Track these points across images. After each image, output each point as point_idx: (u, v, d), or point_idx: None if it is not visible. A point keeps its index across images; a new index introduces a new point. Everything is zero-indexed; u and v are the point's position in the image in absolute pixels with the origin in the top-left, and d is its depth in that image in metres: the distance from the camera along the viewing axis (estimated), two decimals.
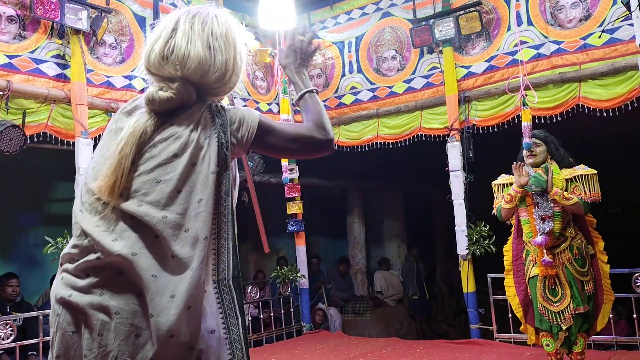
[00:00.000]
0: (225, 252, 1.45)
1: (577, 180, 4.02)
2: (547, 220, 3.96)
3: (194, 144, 1.44)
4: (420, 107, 6.55)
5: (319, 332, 7.23)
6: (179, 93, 1.48)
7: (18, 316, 5.08)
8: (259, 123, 1.53)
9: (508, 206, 4.12)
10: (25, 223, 6.76)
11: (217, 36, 1.51)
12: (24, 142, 4.93)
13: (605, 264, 4.11)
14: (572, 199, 3.91)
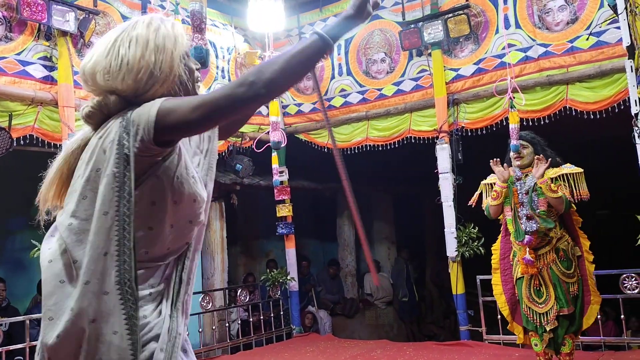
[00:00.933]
0: (128, 253, 1.36)
1: (561, 179, 4.05)
2: (533, 219, 3.98)
3: (98, 149, 1.41)
4: (410, 110, 6.57)
5: (308, 335, 7.21)
6: (96, 105, 1.47)
7: (4, 321, 5.02)
8: (159, 107, 1.37)
9: (495, 203, 4.15)
10: (12, 227, 6.69)
11: (124, 40, 1.46)
12: (10, 144, 4.89)
13: (590, 264, 4.14)
14: (557, 192, 3.94)
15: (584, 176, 4.06)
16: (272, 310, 7.25)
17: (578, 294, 4.03)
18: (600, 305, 4.85)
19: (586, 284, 4.11)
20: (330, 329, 8.00)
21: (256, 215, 9.04)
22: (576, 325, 4.05)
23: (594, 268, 4.15)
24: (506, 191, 4.11)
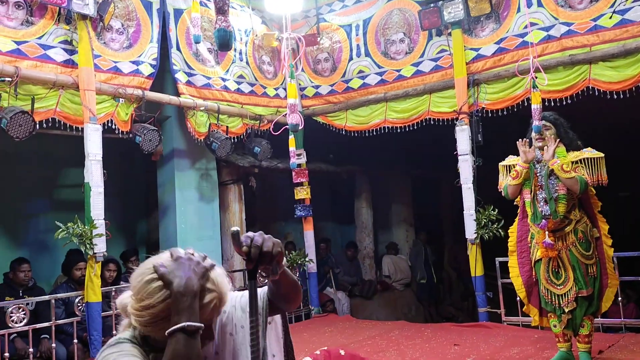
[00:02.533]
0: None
1: (581, 162, 4.01)
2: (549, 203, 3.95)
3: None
4: (429, 91, 6.52)
5: (327, 316, 7.28)
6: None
7: (31, 300, 5.14)
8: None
9: (514, 182, 4.12)
10: (35, 209, 6.82)
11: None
12: (33, 128, 4.96)
13: (609, 247, 4.12)
14: (570, 172, 3.90)
15: (604, 161, 4.02)
16: None
17: (597, 276, 4.02)
18: (622, 287, 4.82)
19: (604, 267, 4.10)
20: (348, 310, 8.07)
21: (274, 197, 9.08)
22: (594, 307, 4.04)
23: (612, 252, 4.13)
24: (526, 172, 4.08)
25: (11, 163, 6.61)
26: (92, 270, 5.13)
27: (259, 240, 1.49)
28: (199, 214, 6.86)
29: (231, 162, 7.33)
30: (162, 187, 6.92)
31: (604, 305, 4.13)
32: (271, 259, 1.48)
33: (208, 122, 6.54)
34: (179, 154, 6.78)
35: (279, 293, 1.67)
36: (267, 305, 1.70)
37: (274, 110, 7.32)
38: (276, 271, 1.53)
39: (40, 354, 5.10)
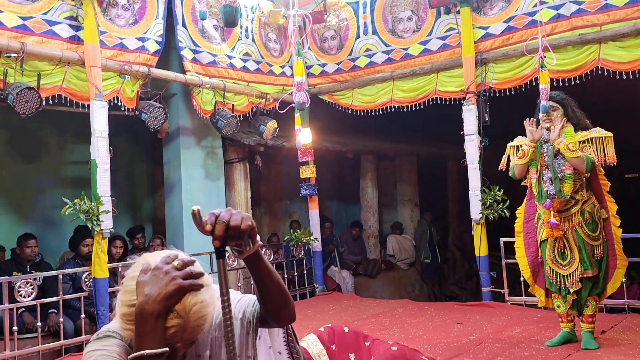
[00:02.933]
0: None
1: (589, 142, 3.99)
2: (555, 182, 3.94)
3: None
4: (436, 70, 6.47)
5: (331, 294, 7.34)
6: None
7: (38, 275, 5.20)
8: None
9: (520, 162, 4.11)
10: (42, 185, 6.86)
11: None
12: (39, 104, 4.96)
13: (617, 228, 4.11)
14: (576, 152, 3.88)
15: (612, 140, 3.99)
16: (295, 270, 7.38)
17: (603, 257, 4.02)
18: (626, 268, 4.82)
19: (612, 248, 4.09)
20: (352, 289, 8.12)
21: (280, 176, 9.10)
22: (600, 288, 4.05)
23: (621, 232, 4.11)
24: (533, 152, 4.07)
25: (18, 139, 6.63)
26: (99, 246, 5.18)
27: (225, 216, 1.40)
28: (204, 191, 6.88)
29: (237, 141, 7.32)
30: (168, 164, 6.93)
31: (612, 286, 4.12)
32: (240, 234, 1.40)
33: (214, 100, 6.52)
34: (185, 131, 6.78)
35: (264, 297, 1.56)
36: (257, 314, 1.61)
37: (279, 88, 7.30)
38: (249, 245, 1.44)
39: (48, 328, 5.17)
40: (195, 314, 1.38)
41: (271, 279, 1.54)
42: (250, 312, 1.60)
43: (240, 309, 1.62)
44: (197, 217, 1.38)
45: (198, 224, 1.40)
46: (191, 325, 1.38)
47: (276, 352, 1.70)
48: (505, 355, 4.01)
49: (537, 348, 4.13)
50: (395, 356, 3.03)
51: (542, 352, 4.02)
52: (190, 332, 1.39)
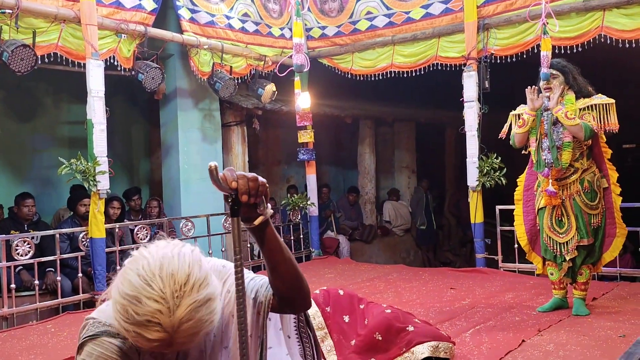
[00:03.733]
0: None
1: (590, 109, 3.97)
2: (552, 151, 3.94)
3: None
4: (438, 35, 6.37)
5: (327, 258, 7.41)
6: None
7: (35, 234, 5.23)
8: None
9: (520, 131, 4.10)
10: (39, 145, 6.83)
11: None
12: (34, 62, 4.90)
13: (617, 196, 4.11)
14: (574, 119, 3.87)
15: (614, 107, 3.96)
16: (292, 234, 7.42)
17: (600, 226, 4.04)
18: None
19: (611, 216, 4.10)
20: (348, 254, 8.19)
21: (278, 140, 9.07)
22: (595, 257, 4.09)
23: (620, 200, 4.12)
24: (533, 120, 4.05)
25: (14, 98, 6.57)
26: (96, 206, 5.19)
27: (241, 173, 1.35)
28: (201, 154, 6.86)
29: (234, 104, 7.27)
30: (165, 126, 6.90)
31: (610, 254, 4.12)
32: (259, 190, 1.35)
33: (211, 61, 6.44)
34: (182, 93, 6.72)
35: (275, 277, 1.49)
36: (270, 296, 1.52)
37: (278, 51, 7.20)
38: (264, 204, 1.40)
39: (46, 286, 5.22)
40: (185, 331, 1.29)
41: (282, 255, 1.45)
42: (263, 293, 1.52)
43: (253, 288, 1.54)
44: (214, 173, 1.32)
45: (215, 180, 1.32)
46: (178, 341, 1.30)
47: (285, 336, 1.64)
48: (497, 319, 4.08)
49: (528, 313, 4.19)
50: (388, 319, 3.09)
51: (533, 317, 4.09)
52: (176, 346, 1.32)
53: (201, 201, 6.61)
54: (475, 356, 3.30)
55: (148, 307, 1.26)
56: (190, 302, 1.29)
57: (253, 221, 1.40)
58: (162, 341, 1.29)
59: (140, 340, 1.30)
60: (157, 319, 1.26)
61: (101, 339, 1.40)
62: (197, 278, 1.31)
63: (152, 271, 1.29)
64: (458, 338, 3.59)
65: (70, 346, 3.89)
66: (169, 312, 1.27)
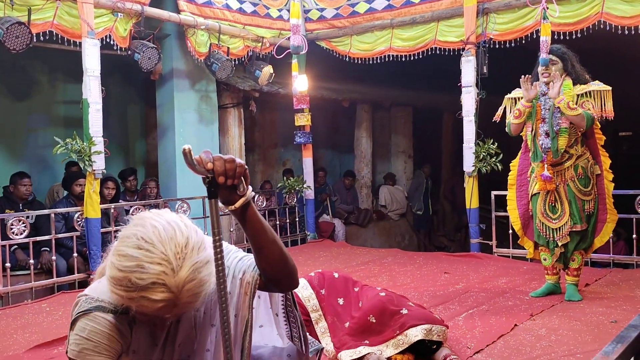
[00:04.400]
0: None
1: (588, 95, 3.97)
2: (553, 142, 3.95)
3: None
4: (437, 19, 6.33)
5: (322, 241, 7.43)
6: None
7: (31, 213, 5.22)
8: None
9: (516, 122, 4.11)
10: (33, 124, 6.79)
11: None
12: (30, 40, 4.85)
13: (610, 182, 4.14)
14: (576, 109, 3.87)
15: (611, 94, 3.96)
16: (287, 217, 7.44)
17: (593, 212, 4.06)
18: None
19: (603, 202, 4.13)
20: (343, 237, 8.22)
21: (274, 123, 9.03)
22: (587, 243, 4.12)
23: (613, 187, 4.15)
24: (529, 110, 4.05)
25: (10, 75, 6.51)
26: (91, 187, 5.18)
27: (218, 155, 1.36)
28: (198, 136, 6.84)
29: (231, 85, 7.23)
30: (161, 107, 6.86)
31: (600, 239, 4.17)
32: (236, 172, 1.36)
33: (209, 42, 6.39)
34: (179, 74, 6.67)
35: (260, 258, 1.50)
36: (257, 276, 1.53)
37: (276, 32, 7.14)
38: (243, 185, 1.40)
39: (41, 266, 5.23)
40: (189, 291, 1.32)
41: (266, 236, 1.46)
42: (250, 274, 1.53)
43: (240, 269, 1.55)
44: (188, 156, 1.33)
45: (190, 163, 1.34)
46: (182, 301, 1.33)
47: (274, 314, 1.66)
48: (490, 304, 4.11)
49: (521, 298, 4.23)
50: (382, 301, 3.11)
51: (526, 302, 4.12)
52: (180, 308, 1.35)
53: (197, 183, 6.50)
54: (468, 339, 3.33)
55: (152, 270, 1.29)
56: (192, 262, 1.32)
57: (234, 204, 1.40)
58: (167, 301, 1.31)
59: (146, 303, 1.32)
60: (162, 280, 1.29)
61: (94, 314, 1.42)
62: (195, 241, 1.35)
63: (149, 240, 1.32)
64: (451, 322, 3.62)
65: (65, 325, 3.90)
66: (173, 273, 1.30)
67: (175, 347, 1.56)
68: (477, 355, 3.10)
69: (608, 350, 1.29)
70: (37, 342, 3.54)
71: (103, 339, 1.42)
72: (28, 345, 3.53)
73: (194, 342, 1.59)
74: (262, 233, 1.46)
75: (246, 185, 1.41)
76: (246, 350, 1.54)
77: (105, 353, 1.42)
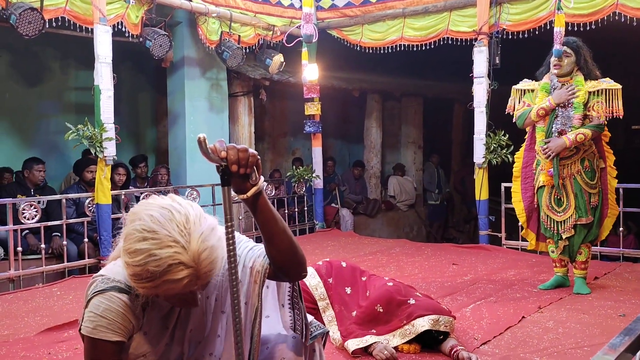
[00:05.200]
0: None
1: (599, 94, 3.94)
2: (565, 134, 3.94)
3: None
4: (449, 8, 6.27)
5: (331, 231, 7.44)
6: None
7: (42, 198, 5.27)
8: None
9: (538, 119, 4.07)
10: (45, 110, 6.83)
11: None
12: (42, 25, 4.87)
13: (613, 178, 4.14)
14: (586, 136, 3.88)
15: (621, 93, 3.95)
16: (296, 206, 7.45)
17: (598, 205, 4.06)
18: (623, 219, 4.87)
19: (605, 197, 4.15)
20: (352, 227, 8.23)
21: (284, 112, 9.03)
22: (593, 235, 4.11)
23: (616, 183, 4.16)
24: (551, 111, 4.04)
25: (22, 61, 6.55)
26: (102, 173, 5.22)
27: (232, 144, 1.40)
28: (208, 124, 6.85)
29: (242, 74, 7.22)
30: (172, 95, 6.87)
31: (601, 234, 4.19)
32: (249, 161, 1.40)
33: (220, 30, 6.39)
34: (190, 62, 6.68)
35: (270, 247, 1.52)
36: (267, 266, 1.56)
37: (287, 21, 7.12)
38: (255, 174, 1.43)
39: (52, 251, 5.28)
40: (205, 260, 1.37)
41: (277, 226, 1.49)
42: (260, 262, 1.57)
43: (251, 257, 1.59)
44: (203, 144, 1.36)
45: (204, 152, 1.37)
46: (203, 271, 1.38)
47: (280, 305, 1.68)
48: (498, 295, 4.11)
49: (529, 290, 4.22)
50: (390, 291, 3.11)
51: (534, 294, 4.11)
52: (203, 278, 1.40)
53: (207, 170, 6.56)
54: (475, 330, 3.33)
55: (164, 254, 1.34)
56: (198, 234, 1.38)
57: (246, 192, 1.44)
58: (190, 276, 1.37)
59: (171, 285, 1.37)
60: (177, 259, 1.35)
61: (110, 293, 1.46)
62: (194, 215, 1.41)
63: (151, 229, 1.36)
64: (459, 313, 3.62)
65: (75, 309, 3.95)
66: (185, 250, 1.35)
67: (186, 332, 1.59)
68: (484, 346, 3.10)
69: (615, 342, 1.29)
70: (48, 325, 3.58)
71: (117, 317, 1.45)
72: (39, 328, 3.57)
73: (205, 328, 1.62)
74: (272, 222, 1.49)
75: (258, 175, 1.45)
76: (255, 337, 1.57)
77: (118, 331, 1.45)
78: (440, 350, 2.97)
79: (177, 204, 1.43)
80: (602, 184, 4.10)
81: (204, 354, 1.62)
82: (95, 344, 1.45)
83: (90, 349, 1.46)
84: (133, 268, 1.37)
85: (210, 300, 1.62)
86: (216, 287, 1.62)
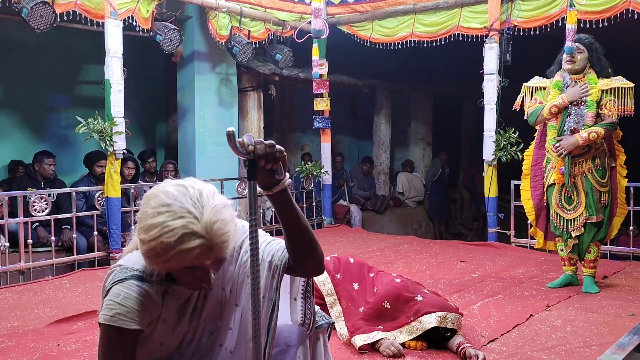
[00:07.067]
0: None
1: (612, 93, 3.91)
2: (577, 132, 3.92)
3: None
4: (460, 4, 6.24)
5: (339, 227, 7.44)
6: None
7: (53, 191, 5.31)
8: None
9: (551, 117, 4.04)
10: (56, 104, 6.87)
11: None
12: (54, 19, 4.89)
13: (623, 177, 4.11)
14: (599, 135, 3.86)
15: (633, 91, 3.91)
16: (305, 201, 7.45)
17: (608, 203, 4.03)
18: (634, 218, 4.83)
19: (615, 196, 4.13)
20: (360, 223, 8.23)
21: (293, 107, 9.03)
22: (602, 234, 4.08)
23: (625, 182, 4.14)
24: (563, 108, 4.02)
25: (33, 55, 6.58)
26: (112, 166, 5.25)
27: (259, 139, 1.40)
28: (217, 119, 6.86)
29: (252, 69, 7.23)
30: (182, 89, 6.89)
31: (611, 233, 4.17)
32: (276, 156, 1.41)
33: (230, 24, 6.39)
34: (200, 56, 6.69)
35: (291, 242, 1.55)
36: (285, 260, 1.58)
37: (297, 16, 7.11)
38: (281, 171, 1.45)
39: (62, 243, 5.32)
40: (218, 231, 1.38)
41: (299, 223, 1.52)
42: (279, 257, 1.58)
43: (269, 252, 1.60)
44: (231, 138, 1.37)
45: (233, 146, 1.38)
46: (216, 242, 1.38)
47: (292, 298, 1.69)
48: (506, 293, 4.09)
49: (538, 289, 4.20)
50: (397, 287, 3.11)
51: (542, 292, 4.09)
52: (216, 250, 1.40)
53: (216, 165, 6.64)
54: (483, 328, 3.32)
55: (177, 224, 1.36)
56: (211, 206, 1.40)
57: (271, 188, 1.46)
58: (202, 246, 1.37)
59: (184, 256, 1.37)
60: (190, 229, 1.36)
61: (129, 282, 1.48)
62: (208, 190, 1.44)
63: (165, 203, 1.39)
64: (466, 310, 3.61)
65: (84, 301, 3.98)
66: (197, 220, 1.37)
67: (201, 321, 1.61)
68: (492, 344, 3.09)
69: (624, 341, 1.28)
70: (57, 317, 3.61)
71: (136, 305, 1.46)
72: (48, 319, 3.60)
73: (218, 319, 1.64)
74: (295, 219, 1.52)
75: (284, 171, 1.46)
76: (272, 330, 1.59)
77: (136, 319, 1.46)
78: (447, 347, 2.97)
79: (192, 182, 1.46)
80: (612, 182, 4.09)
81: (214, 345, 1.64)
82: (112, 332, 1.45)
83: (107, 337, 1.46)
84: (148, 244, 1.38)
85: (225, 292, 1.63)
86: (232, 278, 1.63)
